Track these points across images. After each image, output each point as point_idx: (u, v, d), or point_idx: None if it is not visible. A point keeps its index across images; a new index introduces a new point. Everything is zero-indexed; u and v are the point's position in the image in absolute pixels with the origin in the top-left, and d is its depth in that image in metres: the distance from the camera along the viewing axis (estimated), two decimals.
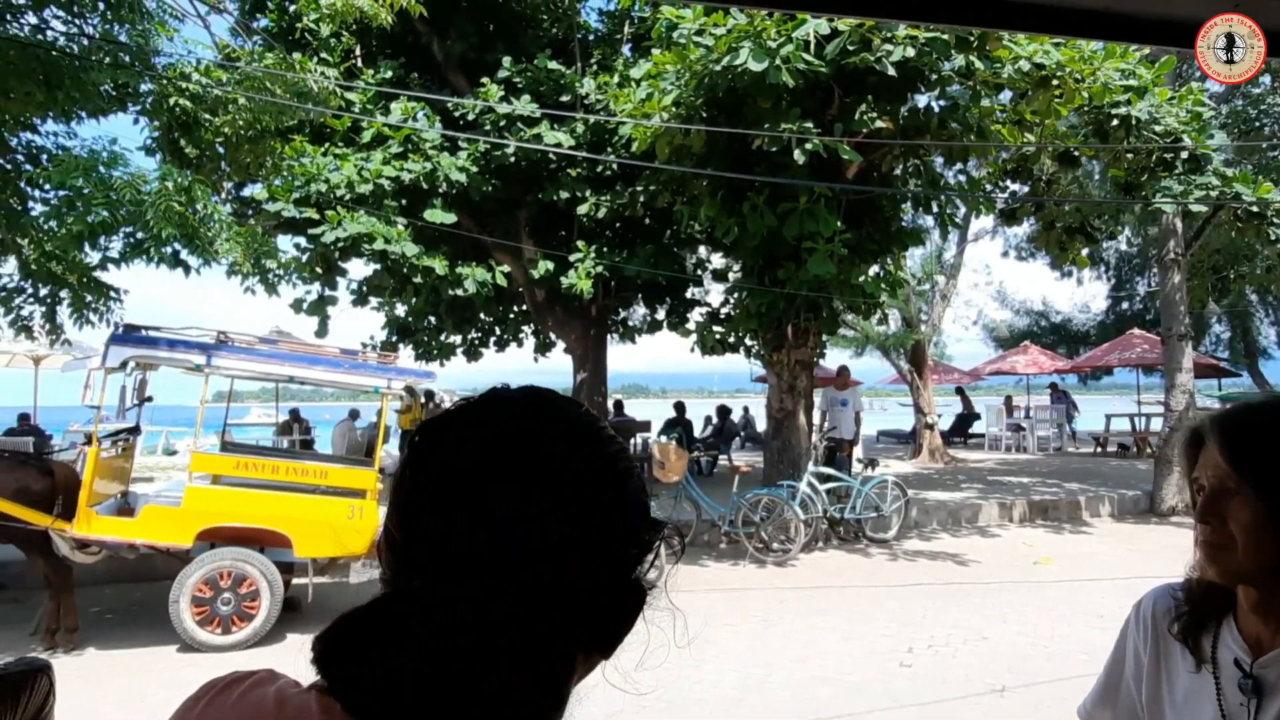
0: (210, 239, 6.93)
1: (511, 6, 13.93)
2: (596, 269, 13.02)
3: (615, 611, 0.67)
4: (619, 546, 0.67)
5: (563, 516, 0.63)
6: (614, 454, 0.70)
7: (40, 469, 6.56)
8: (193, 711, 0.71)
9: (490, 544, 0.61)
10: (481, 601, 0.60)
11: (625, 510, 0.68)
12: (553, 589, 0.62)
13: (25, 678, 1.07)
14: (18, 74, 6.54)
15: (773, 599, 7.84)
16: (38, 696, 1.08)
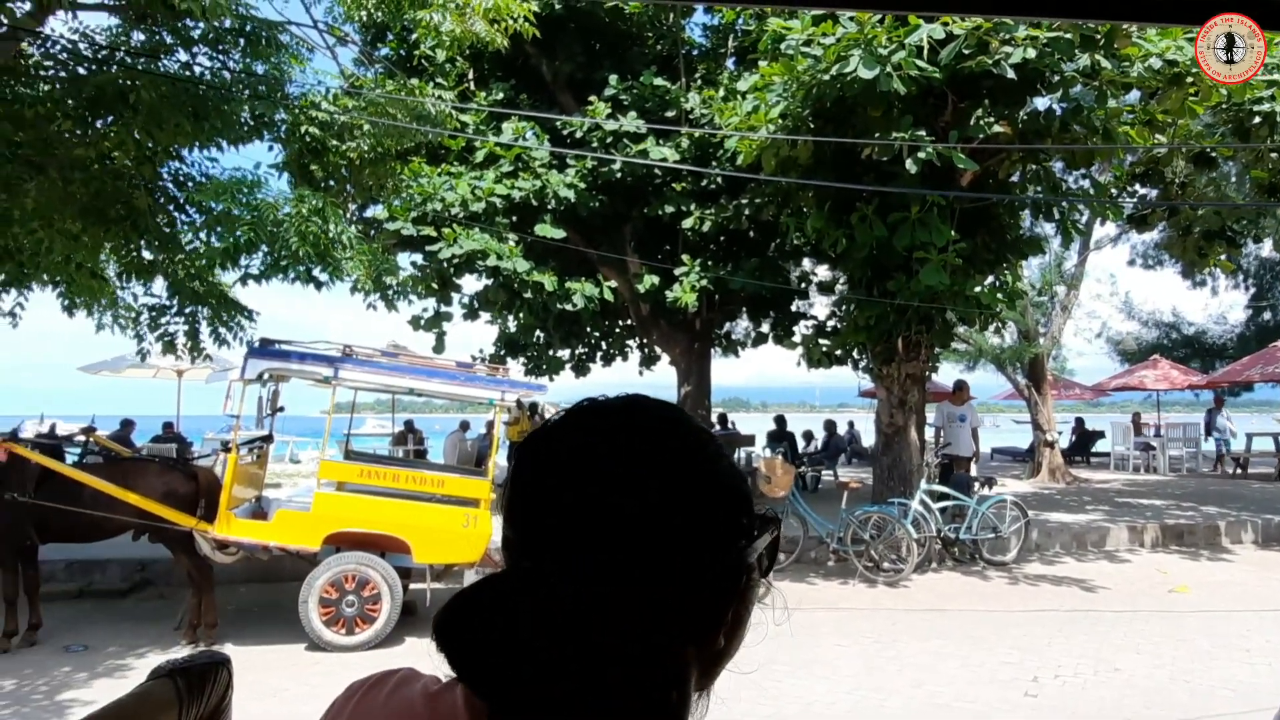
0: (339, 258, 7.30)
1: (618, 26, 14.15)
2: (701, 283, 13.02)
3: (714, 595, 0.66)
4: (714, 530, 0.67)
5: (655, 498, 0.64)
6: (706, 442, 0.71)
7: (185, 474, 7.04)
8: (344, 711, 0.74)
9: (589, 524, 0.63)
10: (582, 577, 0.62)
11: (718, 493, 0.68)
12: (649, 568, 0.63)
13: (210, 670, 1.12)
14: (169, 107, 7.07)
15: (884, 620, 7.62)
16: (219, 688, 1.12)
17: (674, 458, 0.68)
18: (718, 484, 0.69)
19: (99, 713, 0.98)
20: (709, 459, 0.70)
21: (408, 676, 0.74)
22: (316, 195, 7.57)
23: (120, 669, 6.30)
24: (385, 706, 0.71)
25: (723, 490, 0.69)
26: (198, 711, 1.08)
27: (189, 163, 8.65)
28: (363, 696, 0.73)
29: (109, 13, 8.24)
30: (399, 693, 0.72)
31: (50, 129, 7.60)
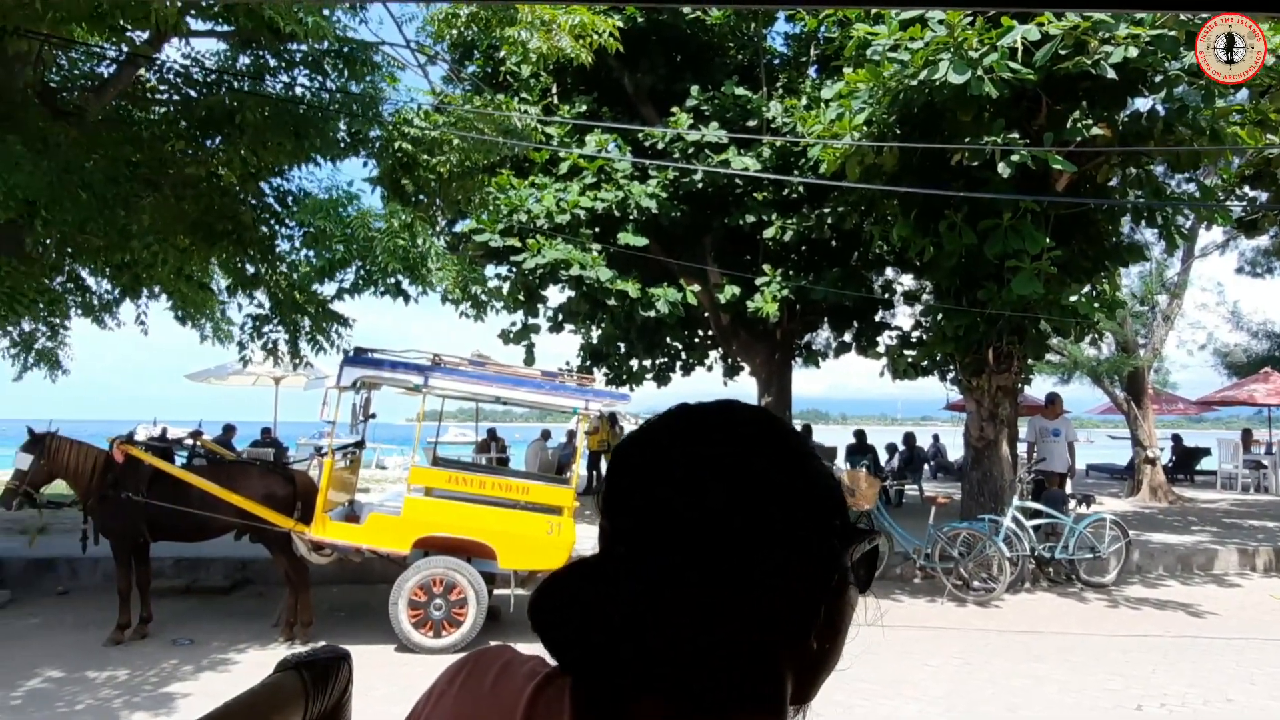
0: (427, 271, 7.52)
1: (699, 37, 14.19)
2: (782, 292, 12.90)
3: (802, 593, 0.66)
4: (801, 528, 0.66)
5: (743, 494, 0.65)
6: (797, 443, 0.71)
7: (284, 477, 7.33)
8: (446, 695, 0.75)
9: (676, 517, 0.64)
10: (669, 566, 0.63)
11: (807, 492, 0.68)
12: (734, 562, 0.63)
13: (333, 664, 1.14)
14: (273, 127, 7.43)
15: (976, 641, 7.37)
16: (341, 683, 1.15)
17: (763, 456, 0.68)
18: (807, 483, 0.69)
19: (233, 702, 1.02)
20: (799, 459, 0.70)
21: (510, 661, 0.74)
22: (406, 211, 7.82)
23: (223, 663, 6.58)
24: (491, 694, 0.71)
25: (811, 490, 0.69)
26: (322, 704, 1.11)
27: (289, 179, 9.06)
28: (465, 680, 0.74)
29: (218, 39, 8.69)
30: (503, 682, 0.72)
31: (164, 149, 8.08)
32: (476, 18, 7.97)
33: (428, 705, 0.76)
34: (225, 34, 8.45)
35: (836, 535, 0.68)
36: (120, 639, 6.91)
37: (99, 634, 6.99)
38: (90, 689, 5.92)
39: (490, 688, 0.72)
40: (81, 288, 9.23)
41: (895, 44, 8.85)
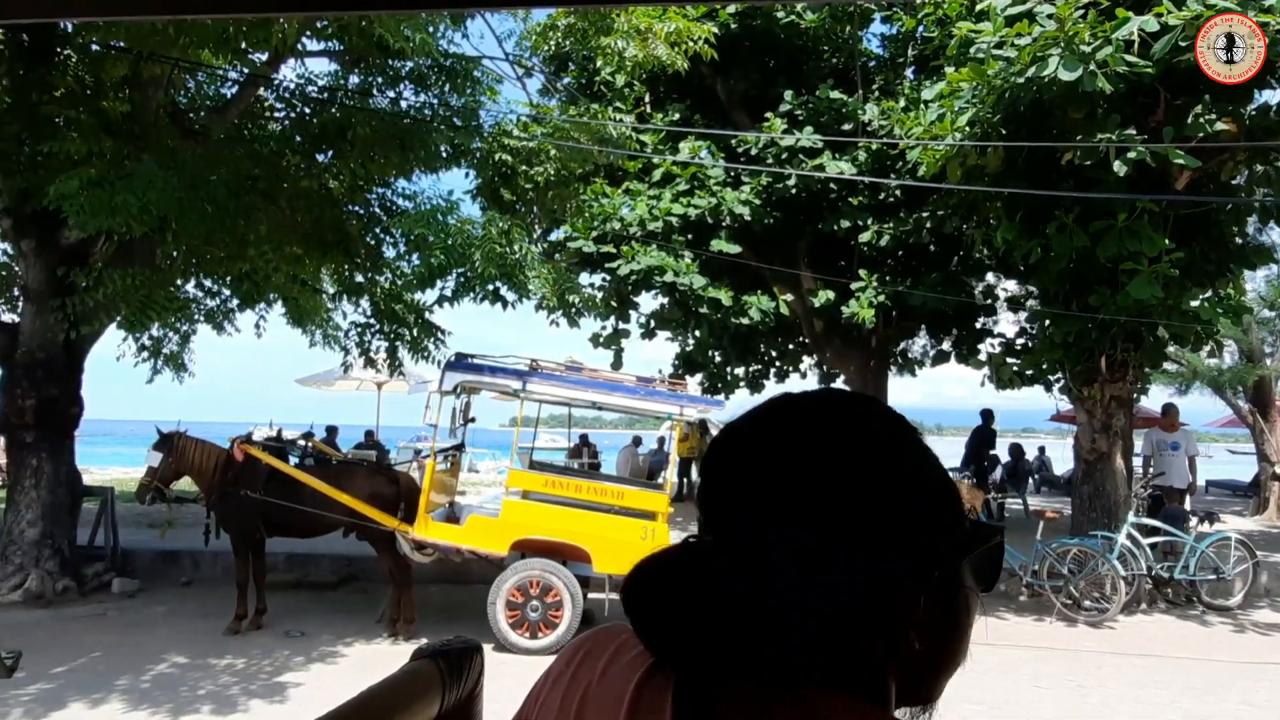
0: (524, 278, 7.68)
1: (793, 42, 14.06)
2: (878, 298, 12.62)
3: (897, 587, 0.63)
4: (901, 518, 0.64)
5: (842, 481, 0.63)
6: (906, 433, 0.68)
7: (388, 478, 7.59)
8: (567, 670, 0.75)
9: (771, 502, 0.63)
10: (760, 554, 0.62)
11: (909, 483, 0.65)
12: (828, 552, 0.62)
13: (466, 655, 1.16)
14: (380, 141, 7.74)
15: (1088, 663, 7.01)
16: (474, 673, 1.17)
17: (867, 446, 0.66)
18: (911, 475, 0.66)
19: (376, 686, 1.05)
20: (906, 450, 0.68)
21: (623, 644, 0.73)
22: (504, 219, 8.00)
23: (332, 655, 6.85)
24: (602, 682, 0.71)
25: (916, 481, 0.66)
26: (457, 694, 1.14)
27: (394, 190, 9.41)
28: (581, 664, 0.74)
29: (330, 58, 9.12)
30: (613, 669, 0.71)
31: (280, 164, 8.51)
32: (574, 29, 8.11)
33: (545, 687, 0.76)
34: (336, 53, 8.86)
35: (943, 531, 0.66)
36: (238, 629, 7.28)
37: (219, 623, 7.38)
38: (211, 675, 6.25)
39: (600, 675, 0.71)
40: (210, 294, 9.81)
41: (1001, 41, 8.56)
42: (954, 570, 0.66)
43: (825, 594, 0.61)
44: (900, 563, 0.63)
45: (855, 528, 0.62)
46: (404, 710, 1.05)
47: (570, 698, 0.72)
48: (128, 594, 8.43)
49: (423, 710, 1.08)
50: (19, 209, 7.81)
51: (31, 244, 8.03)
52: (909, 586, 0.63)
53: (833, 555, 0.62)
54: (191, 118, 8.90)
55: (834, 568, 0.62)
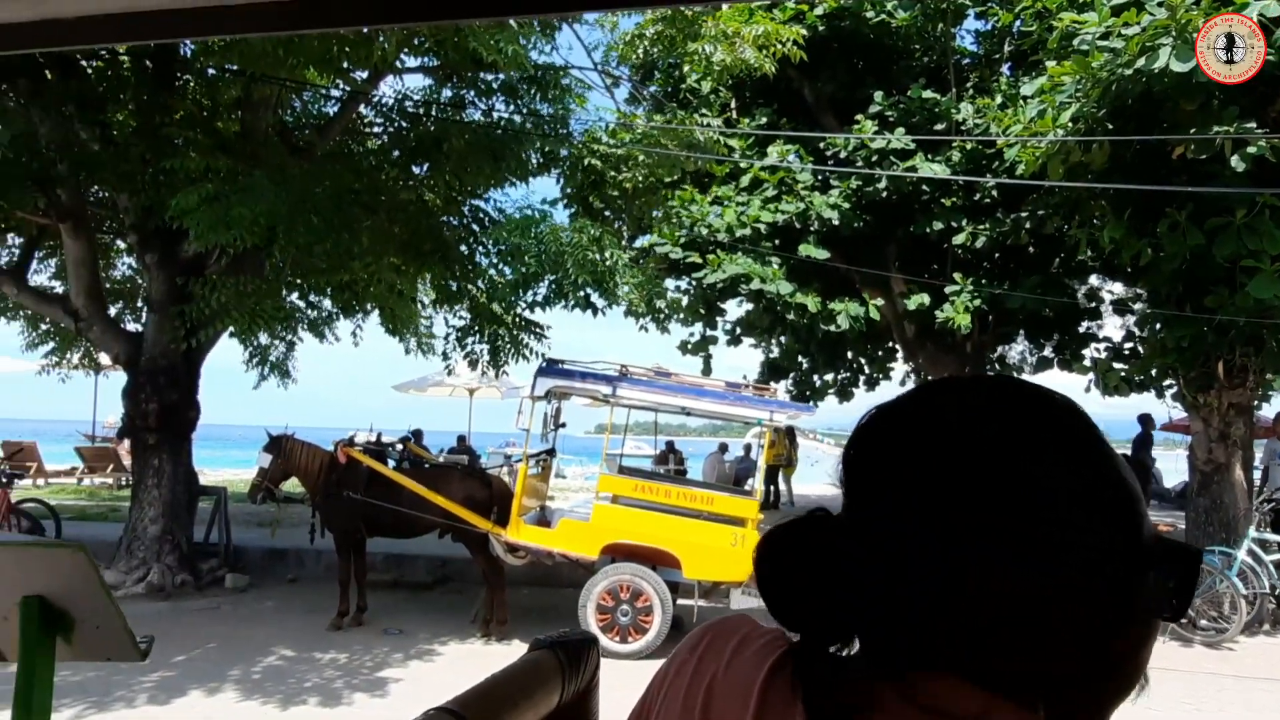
0: (614, 283, 7.76)
1: (883, 42, 13.80)
2: (974, 302, 12.24)
3: (1056, 604, 0.57)
4: (1071, 537, 0.57)
5: (1005, 480, 0.58)
6: (1092, 435, 0.62)
7: (482, 481, 7.76)
8: (691, 659, 0.73)
9: (921, 485, 0.60)
10: (892, 543, 0.59)
11: (1091, 490, 0.59)
12: (980, 550, 0.57)
13: (584, 646, 1.18)
14: (474, 152, 7.96)
15: (1205, 685, 6.61)
16: (591, 665, 1.18)
17: (1040, 442, 0.60)
18: (1091, 482, 0.59)
19: (499, 674, 1.08)
20: (1089, 453, 0.61)
21: (748, 636, 0.72)
22: (594, 225, 8.11)
23: (429, 653, 7.04)
24: (727, 672, 0.69)
25: (1085, 483, 0.59)
26: (576, 685, 1.15)
27: (486, 200, 9.66)
28: (704, 654, 0.73)
29: (424, 74, 9.42)
30: (738, 660, 0.70)
31: (380, 177, 8.84)
32: (661, 35, 8.17)
33: (669, 675, 0.75)
34: (431, 69, 9.15)
35: (1115, 543, 0.59)
36: (340, 625, 7.55)
37: (322, 619, 7.68)
38: (316, 669, 6.51)
39: (726, 665, 0.70)
40: (312, 305, 10.26)
41: (1106, 32, 8.20)
42: (1125, 588, 0.59)
43: (965, 596, 0.58)
44: (1058, 572, 0.57)
45: (1007, 529, 0.57)
46: (527, 698, 1.07)
47: (695, 686, 0.71)
48: (239, 589, 8.86)
49: (544, 699, 1.09)
50: (143, 225, 8.34)
51: (154, 257, 8.56)
52: (1066, 599, 0.57)
53: (977, 556, 0.57)
54: (297, 135, 9.34)
55: (977, 569, 0.57)
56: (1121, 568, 0.59)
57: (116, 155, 7.82)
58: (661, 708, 0.73)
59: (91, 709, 5.44)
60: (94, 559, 2.23)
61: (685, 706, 0.70)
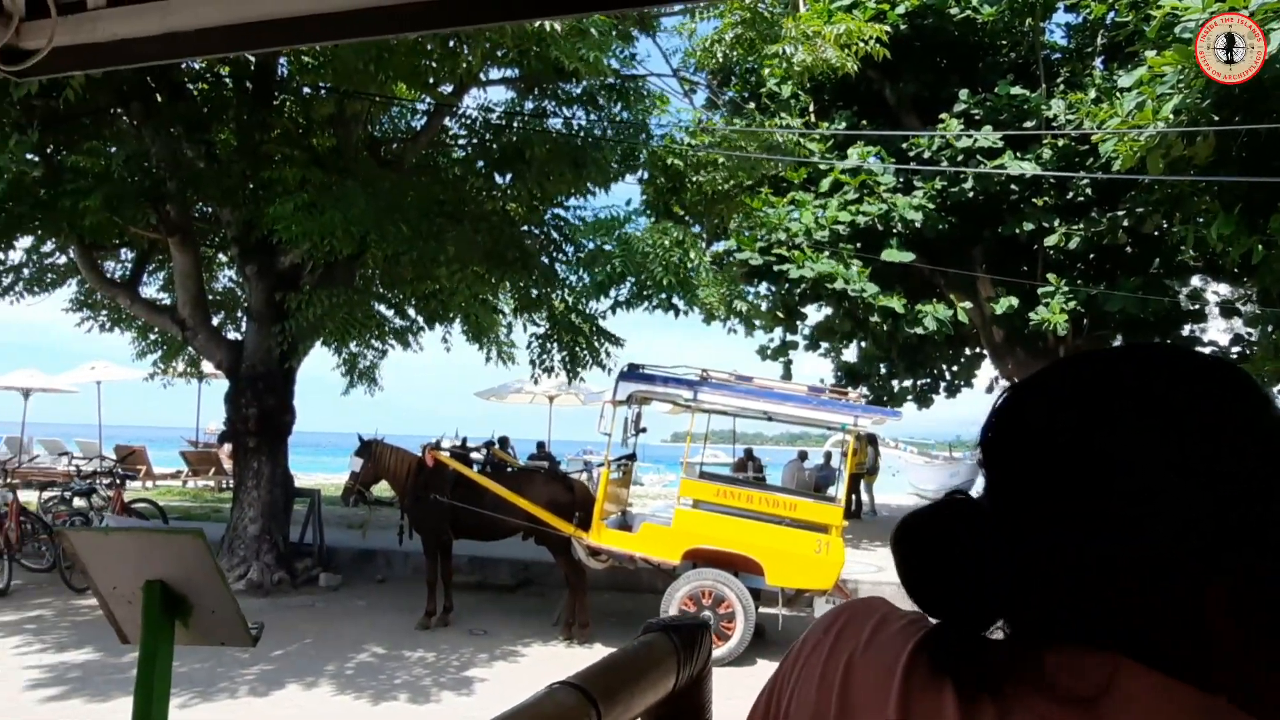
0: (696, 285, 7.75)
1: (968, 39, 13.46)
2: (1069, 304, 11.78)
3: (1224, 589, 0.54)
4: (1243, 512, 0.55)
5: (1176, 449, 0.56)
6: (1267, 409, 0.58)
7: (565, 484, 7.84)
8: (825, 639, 0.72)
9: (1077, 468, 0.58)
10: (1048, 523, 0.58)
11: (1265, 460, 0.55)
12: (1140, 526, 0.55)
13: (697, 631, 1.17)
14: (555, 160, 8.08)
15: None
16: (704, 651, 1.17)
17: (1186, 409, 0.58)
18: (1253, 453, 0.56)
19: (618, 654, 1.07)
20: (1246, 418, 0.58)
21: (886, 616, 0.71)
22: (676, 228, 8.13)
23: (513, 654, 7.13)
24: (867, 651, 0.68)
25: (1264, 459, 0.56)
26: (690, 670, 1.14)
27: (566, 207, 9.80)
28: (841, 633, 0.71)
29: (506, 85, 9.61)
30: (878, 639, 0.69)
31: (464, 187, 9.05)
32: (741, 39, 8.15)
33: (802, 654, 0.74)
34: (512, 80, 9.33)
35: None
36: (428, 624, 7.72)
37: (410, 618, 7.86)
38: (405, 666, 6.66)
39: (865, 644, 0.69)
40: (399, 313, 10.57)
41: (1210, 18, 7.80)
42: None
43: (1114, 573, 0.56)
44: (1220, 554, 0.55)
45: (1168, 507, 0.56)
46: (644, 677, 1.06)
47: (832, 666, 0.70)
48: (331, 588, 9.15)
49: (661, 681, 1.09)
50: (244, 238, 8.73)
51: (254, 269, 8.95)
52: (1235, 585, 0.55)
53: (1126, 536, 0.56)
54: (385, 149, 9.65)
55: (1128, 549, 0.56)
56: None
57: (220, 172, 8.22)
58: (796, 687, 0.72)
59: (197, 698, 5.69)
60: (210, 546, 2.34)
61: (821, 686, 0.69)
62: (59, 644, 6.88)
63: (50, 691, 5.79)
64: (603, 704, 0.95)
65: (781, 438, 59.27)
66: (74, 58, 1.85)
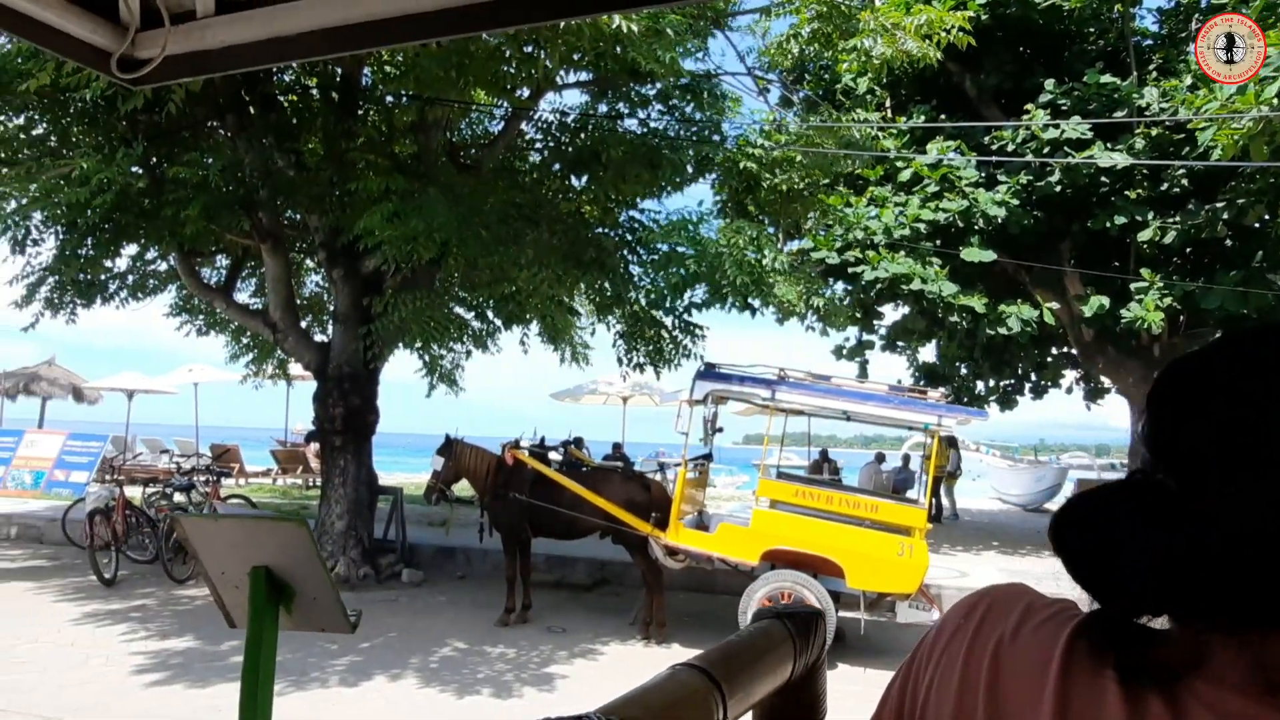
0: (772, 283, 7.68)
1: (1053, 27, 13.01)
2: (1164, 301, 11.25)
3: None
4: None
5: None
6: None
7: (642, 484, 7.85)
8: (966, 624, 0.69)
9: (1249, 444, 0.55)
10: (1223, 503, 0.55)
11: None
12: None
13: (812, 619, 1.14)
14: (631, 161, 8.11)
15: None
16: (820, 639, 1.14)
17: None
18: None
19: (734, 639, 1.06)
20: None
21: (1034, 603, 0.68)
22: (751, 226, 8.07)
23: (591, 652, 7.17)
24: (1018, 635, 0.66)
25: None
26: (806, 658, 1.12)
27: (641, 209, 9.83)
28: (985, 618, 0.69)
29: (581, 89, 9.71)
30: (1029, 624, 0.66)
31: (541, 191, 9.17)
32: (817, 34, 8.04)
33: (940, 641, 0.72)
34: (587, 83, 9.42)
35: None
36: (507, 621, 7.83)
37: (490, 615, 7.99)
38: (487, 662, 6.77)
39: (1014, 632, 0.66)
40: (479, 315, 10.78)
41: None
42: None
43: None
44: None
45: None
46: (762, 662, 1.05)
47: (976, 654, 0.68)
48: (414, 583, 9.37)
49: (779, 667, 1.07)
50: (331, 243, 9.03)
51: (340, 273, 9.25)
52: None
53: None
54: (464, 154, 9.86)
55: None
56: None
57: (308, 180, 8.52)
58: (936, 673, 0.71)
59: (291, 686, 5.89)
60: (313, 534, 2.41)
61: (965, 673, 0.67)
62: (161, 632, 7.22)
63: (154, 677, 6.08)
64: (726, 687, 0.94)
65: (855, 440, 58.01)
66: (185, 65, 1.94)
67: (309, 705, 5.63)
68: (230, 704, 5.48)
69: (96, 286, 10.05)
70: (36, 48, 6.05)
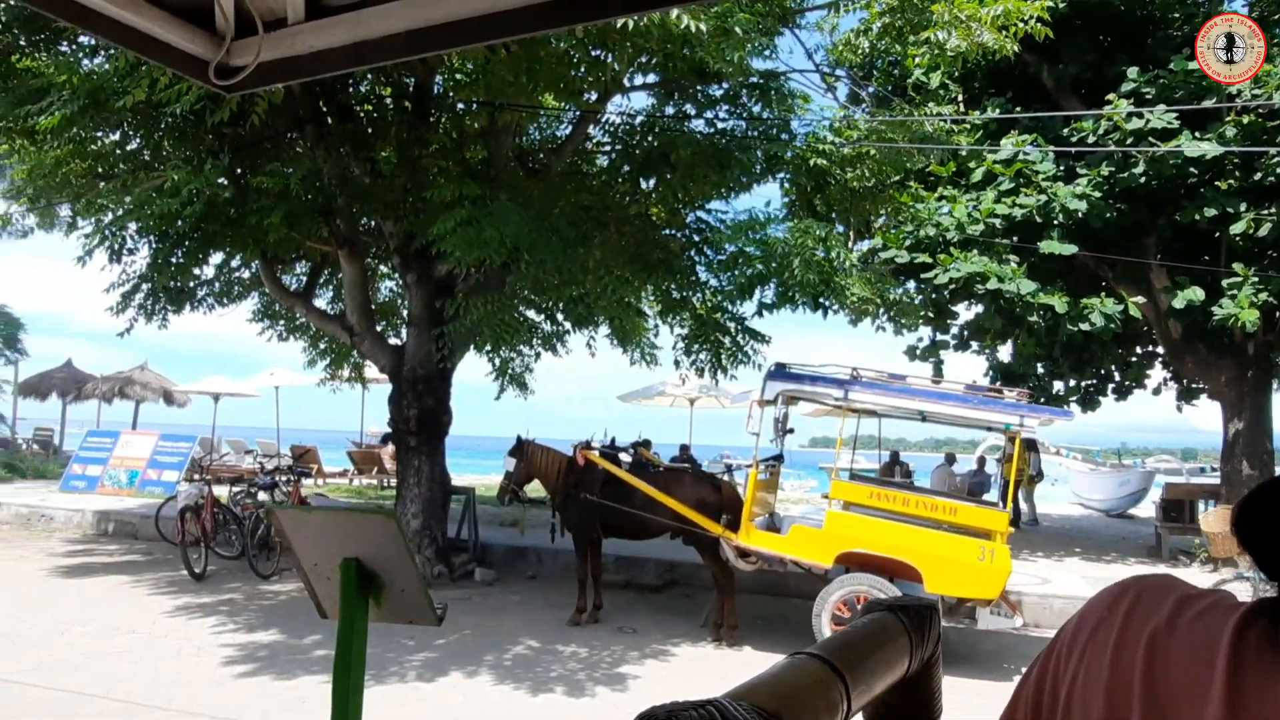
0: (842, 282, 7.57)
1: (1135, 13, 12.53)
2: (1260, 296, 10.71)
3: None
4: None
5: None
6: None
7: (712, 485, 7.81)
8: (1111, 616, 0.67)
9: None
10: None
11: None
12: None
13: (926, 611, 1.11)
14: (700, 162, 8.09)
15: None
16: (934, 632, 1.11)
17: None
18: None
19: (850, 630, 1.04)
20: None
21: (1188, 594, 0.66)
22: (820, 225, 7.96)
23: (662, 653, 7.17)
24: (1175, 624, 0.64)
25: None
26: (923, 653, 1.09)
27: (708, 210, 9.80)
28: (1132, 608, 0.67)
29: (647, 91, 9.73)
30: (1187, 614, 0.64)
31: (609, 193, 9.21)
32: (889, 28, 7.90)
33: (1083, 632, 0.70)
34: (654, 85, 9.43)
35: None
36: (578, 620, 7.88)
37: (561, 614, 8.05)
38: (559, 660, 6.82)
39: (1169, 623, 0.64)
40: (549, 318, 10.89)
41: None
42: None
43: None
44: None
45: None
46: (881, 652, 1.02)
47: (1128, 645, 0.65)
48: (486, 582, 9.51)
49: (897, 660, 1.04)
50: (405, 249, 9.24)
51: (414, 277, 9.46)
52: None
53: None
54: (533, 159, 9.98)
55: None
56: None
57: (383, 187, 8.74)
58: (1080, 665, 0.68)
59: (370, 680, 5.99)
60: (402, 528, 2.45)
61: (1116, 665, 0.65)
62: (248, 625, 7.48)
63: (242, 668, 6.29)
64: (849, 678, 0.92)
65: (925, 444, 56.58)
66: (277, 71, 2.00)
67: (389, 699, 5.76)
68: (315, 695, 5.65)
69: (186, 293, 10.48)
70: (138, 60, 6.28)
